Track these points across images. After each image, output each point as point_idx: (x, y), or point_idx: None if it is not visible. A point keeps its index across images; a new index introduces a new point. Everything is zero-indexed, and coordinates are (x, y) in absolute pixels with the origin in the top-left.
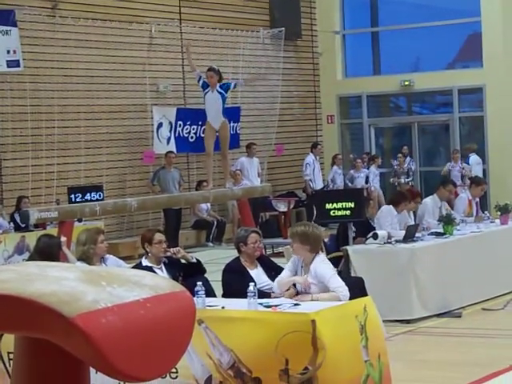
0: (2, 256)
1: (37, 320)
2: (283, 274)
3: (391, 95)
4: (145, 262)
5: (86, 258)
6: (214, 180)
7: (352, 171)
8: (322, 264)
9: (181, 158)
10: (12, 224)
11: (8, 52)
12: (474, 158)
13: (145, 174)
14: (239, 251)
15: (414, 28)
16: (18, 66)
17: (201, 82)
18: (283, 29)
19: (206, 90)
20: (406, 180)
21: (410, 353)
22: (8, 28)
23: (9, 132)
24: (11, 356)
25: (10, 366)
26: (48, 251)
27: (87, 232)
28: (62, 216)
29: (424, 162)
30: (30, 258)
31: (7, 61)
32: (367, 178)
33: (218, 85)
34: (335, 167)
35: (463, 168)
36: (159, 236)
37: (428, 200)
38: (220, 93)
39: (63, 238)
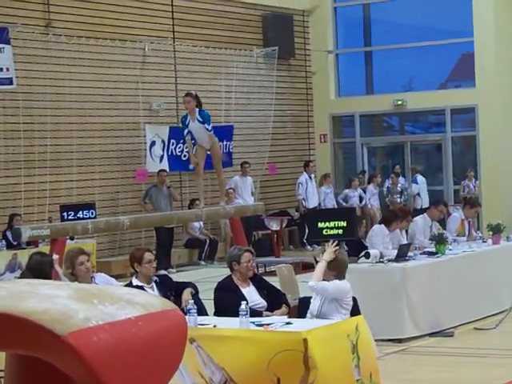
0: None
1: (28, 338)
2: (311, 308)
3: (384, 115)
4: (135, 282)
5: (70, 279)
6: (205, 198)
7: (347, 190)
8: (335, 282)
9: (173, 177)
10: (4, 241)
11: (1, 69)
12: (420, 179)
13: (137, 192)
14: (232, 270)
15: (407, 48)
16: (11, 83)
17: (182, 121)
18: (276, 48)
19: (187, 122)
20: (401, 200)
21: (402, 372)
22: (1, 45)
23: (1, 149)
24: (2, 374)
25: (1, 383)
26: (40, 269)
27: (68, 254)
28: (54, 234)
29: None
30: (22, 276)
31: (0, 78)
32: (360, 197)
33: (197, 111)
34: (324, 188)
35: (475, 186)
36: (149, 255)
37: (419, 219)
38: (200, 122)
39: (55, 256)
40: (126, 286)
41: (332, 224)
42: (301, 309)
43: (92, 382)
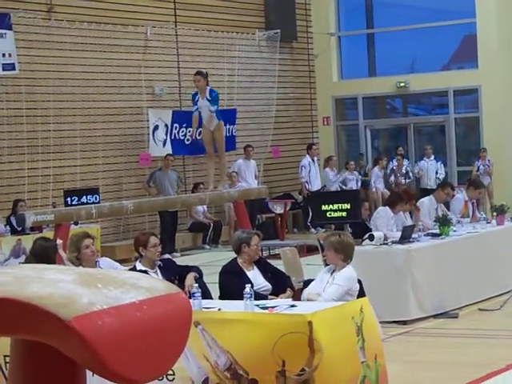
0: None
1: (33, 323)
2: (312, 286)
3: (387, 97)
4: (139, 266)
5: (74, 263)
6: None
7: (346, 173)
8: (342, 273)
9: (177, 161)
10: (8, 227)
11: (3, 55)
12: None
13: (141, 176)
14: (239, 252)
15: (410, 29)
16: (14, 69)
17: (192, 98)
18: (279, 31)
19: (196, 99)
20: (406, 181)
21: (407, 354)
22: (3, 31)
23: (4, 135)
24: (7, 359)
25: (6, 369)
26: (44, 254)
27: (72, 238)
28: (58, 219)
29: None
30: (27, 261)
31: (2, 64)
32: (357, 179)
33: (207, 89)
34: (327, 169)
35: (488, 166)
36: (154, 239)
37: (425, 200)
38: (209, 100)
39: (59, 241)
40: (130, 270)
41: (336, 206)
42: (304, 290)
43: (97, 366)
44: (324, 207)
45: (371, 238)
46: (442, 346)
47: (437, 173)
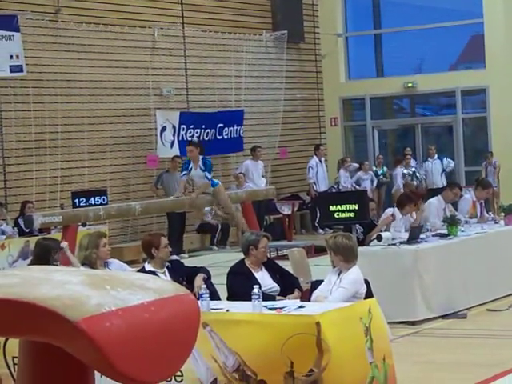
0: (7, 261)
1: (41, 324)
2: (321, 287)
3: (394, 97)
4: (148, 267)
5: (88, 262)
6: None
7: (360, 173)
8: (348, 275)
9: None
10: (16, 229)
11: (11, 57)
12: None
13: (149, 177)
14: (247, 254)
15: (417, 30)
16: (21, 70)
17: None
18: (286, 32)
19: (190, 167)
20: (417, 181)
21: (415, 354)
22: (11, 33)
23: (12, 137)
24: (16, 361)
25: (14, 370)
26: (42, 253)
27: (89, 236)
28: (66, 220)
29: None
30: (31, 263)
31: (10, 66)
32: (372, 180)
33: (200, 158)
34: (342, 171)
35: (494, 167)
36: (165, 240)
37: (433, 200)
38: (203, 170)
39: (64, 243)
40: (139, 271)
41: (343, 207)
42: (313, 292)
43: (105, 367)
44: (332, 208)
45: (379, 238)
46: (450, 347)
47: (444, 170)
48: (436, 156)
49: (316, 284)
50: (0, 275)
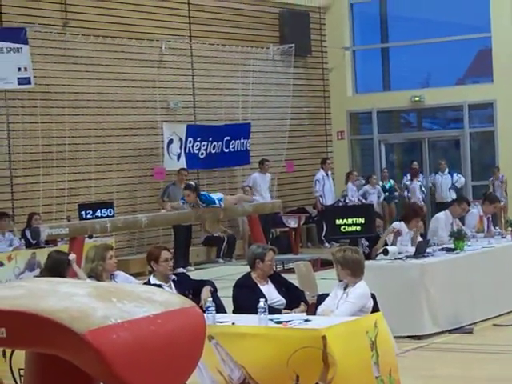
0: (13, 273)
1: (48, 336)
2: (327, 301)
3: (401, 111)
4: (153, 280)
5: (95, 274)
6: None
7: (366, 187)
8: (355, 289)
9: (191, 175)
10: (23, 240)
11: (19, 69)
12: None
13: (155, 190)
14: (253, 267)
15: (424, 43)
16: (29, 83)
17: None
18: (293, 45)
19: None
20: (422, 195)
21: (421, 369)
22: (19, 46)
23: (20, 149)
24: (22, 373)
25: (20, 382)
26: (56, 267)
27: (96, 248)
28: (73, 232)
29: None
30: (41, 275)
31: (18, 78)
32: (378, 194)
33: (197, 200)
34: (350, 184)
35: (501, 181)
36: (165, 254)
37: (441, 215)
38: (205, 206)
39: (72, 256)
40: (144, 284)
41: (350, 221)
42: (319, 306)
43: (111, 379)
44: (338, 221)
45: (386, 252)
46: (456, 362)
47: (453, 184)
48: (447, 171)
49: (322, 298)
50: (7, 287)
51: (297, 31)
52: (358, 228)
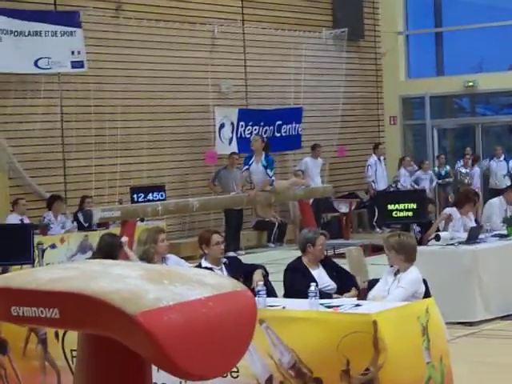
0: (66, 255)
1: (100, 317)
2: (377, 287)
3: (455, 96)
4: (204, 263)
5: (146, 257)
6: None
7: (419, 172)
8: (407, 275)
9: (242, 159)
10: (75, 223)
11: (72, 53)
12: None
13: (207, 174)
14: (304, 251)
15: (478, 28)
16: (82, 66)
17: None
18: (346, 29)
19: (251, 162)
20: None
21: (473, 355)
22: (72, 29)
23: (73, 132)
24: (74, 353)
25: (72, 363)
26: (109, 250)
27: (148, 231)
28: (125, 216)
29: None
30: (93, 257)
31: (71, 62)
32: (431, 180)
33: (263, 155)
34: (402, 170)
35: None
36: (217, 237)
37: (496, 201)
38: (265, 166)
39: (124, 238)
40: (196, 267)
41: (402, 206)
42: (370, 291)
43: (162, 361)
44: (390, 207)
45: (438, 238)
46: (508, 348)
47: (508, 171)
48: (502, 157)
49: (373, 283)
50: (60, 268)
51: (350, 15)
52: (410, 213)
